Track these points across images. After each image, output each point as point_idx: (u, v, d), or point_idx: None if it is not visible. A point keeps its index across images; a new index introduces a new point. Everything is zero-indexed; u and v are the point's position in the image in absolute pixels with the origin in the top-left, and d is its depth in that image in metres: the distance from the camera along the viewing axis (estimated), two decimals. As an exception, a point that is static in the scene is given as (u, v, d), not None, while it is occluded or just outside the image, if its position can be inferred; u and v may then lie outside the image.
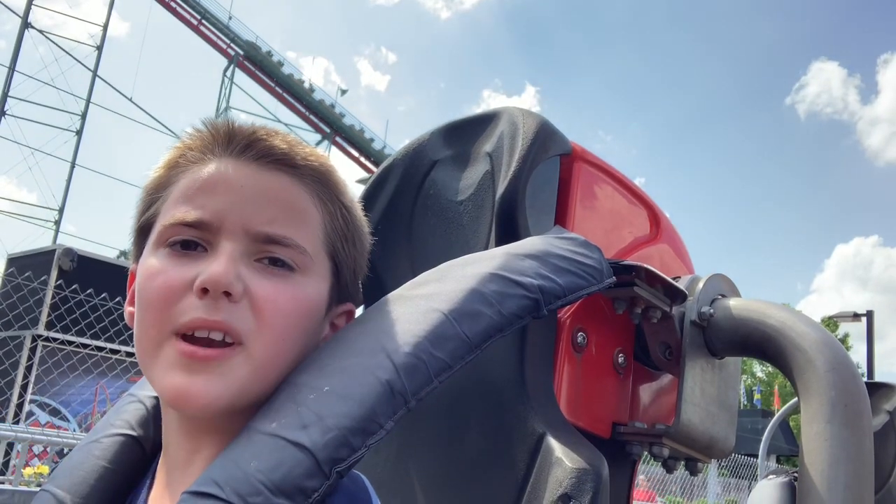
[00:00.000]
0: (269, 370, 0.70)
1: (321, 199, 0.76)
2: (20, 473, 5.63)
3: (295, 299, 0.71)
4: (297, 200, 0.74)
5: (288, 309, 0.71)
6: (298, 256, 0.72)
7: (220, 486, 0.61)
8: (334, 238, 0.76)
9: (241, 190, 0.72)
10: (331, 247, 0.76)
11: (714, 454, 1.11)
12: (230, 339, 0.68)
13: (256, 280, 0.70)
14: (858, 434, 0.92)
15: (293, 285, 0.71)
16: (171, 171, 0.76)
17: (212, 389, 0.68)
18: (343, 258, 0.77)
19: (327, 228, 0.76)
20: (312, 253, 0.73)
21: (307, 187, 0.75)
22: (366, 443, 0.64)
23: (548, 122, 1.05)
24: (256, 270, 0.70)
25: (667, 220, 1.25)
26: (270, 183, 0.73)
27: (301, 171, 0.75)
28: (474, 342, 0.74)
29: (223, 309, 0.68)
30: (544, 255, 0.86)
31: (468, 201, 1.09)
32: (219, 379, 0.68)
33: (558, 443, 0.88)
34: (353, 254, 0.79)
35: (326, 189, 0.77)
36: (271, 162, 0.74)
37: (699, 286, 1.08)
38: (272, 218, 0.71)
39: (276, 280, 0.71)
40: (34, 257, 9.17)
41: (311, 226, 0.74)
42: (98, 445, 0.85)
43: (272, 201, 0.72)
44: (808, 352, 0.96)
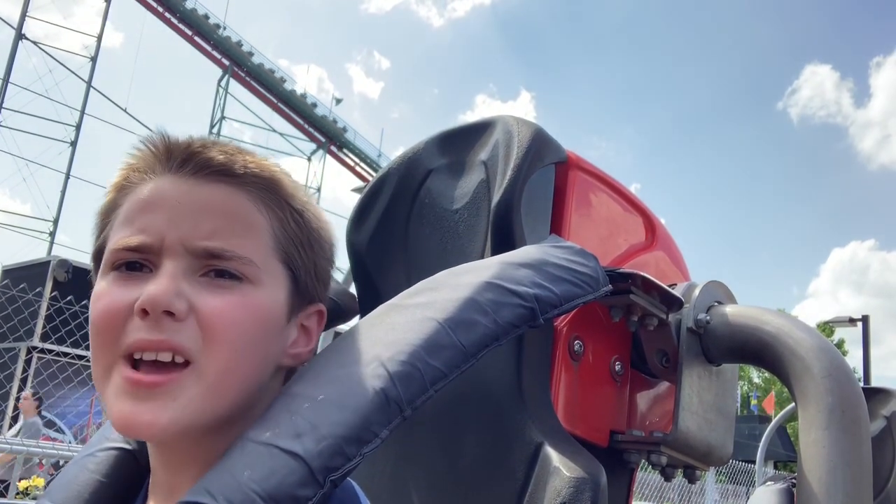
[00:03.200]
0: (224, 388, 0.68)
1: (267, 205, 0.73)
2: (15, 486, 5.60)
3: (245, 310, 0.69)
4: (240, 210, 0.72)
5: (238, 321, 0.68)
6: (244, 267, 0.70)
7: (213, 495, 0.60)
8: (286, 244, 0.74)
9: (178, 206, 0.70)
10: (283, 253, 0.74)
11: (712, 461, 1.11)
12: (180, 360, 0.67)
13: (202, 296, 0.68)
14: (856, 440, 0.92)
15: (242, 296, 0.69)
16: (119, 194, 0.75)
17: (160, 416, 0.66)
18: (300, 263, 0.75)
19: (277, 235, 0.73)
20: (261, 262, 0.71)
21: (251, 195, 0.73)
22: (360, 451, 0.64)
23: (542, 131, 1.05)
24: (202, 286, 0.69)
25: (662, 227, 1.25)
26: (209, 195, 0.71)
27: (243, 180, 0.73)
28: (470, 351, 0.74)
29: (166, 328, 0.66)
30: (540, 263, 0.86)
31: (464, 210, 1.09)
32: (167, 404, 0.66)
33: (556, 452, 0.88)
34: (311, 257, 0.77)
35: (273, 195, 0.74)
36: (210, 174, 0.72)
37: (695, 293, 1.08)
38: (212, 231, 0.70)
39: (224, 293, 0.69)
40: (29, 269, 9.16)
41: (258, 234, 0.72)
42: (93, 459, 0.85)
43: (211, 214, 0.70)
44: (805, 358, 0.96)
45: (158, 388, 0.66)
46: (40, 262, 9.46)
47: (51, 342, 8.54)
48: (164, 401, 0.66)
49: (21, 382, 8.64)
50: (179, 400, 0.66)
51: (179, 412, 0.66)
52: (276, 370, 0.74)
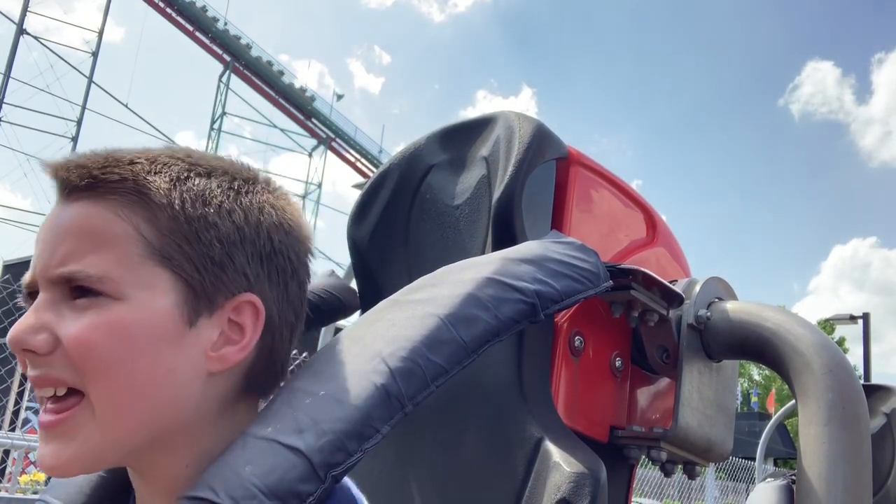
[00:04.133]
0: (119, 416, 0.65)
1: (128, 208, 0.68)
2: (16, 481, 5.61)
3: (102, 330, 0.64)
4: (94, 224, 0.67)
5: (97, 344, 0.64)
6: (99, 284, 0.65)
7: (214, 490, 0.60)
8: (163, 244, 0.68)
9: (44, 238, 0.69)
10: (161, 256, 0.67)
11: (712, 457, 1.11)
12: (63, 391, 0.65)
13: (65, 323, 0.65)
14: (856, 436, 0.92)
15: (101, 315, 0.65)
16: None
17: (62, 455, 0.65)
18: (186, 258, 0.68)
19: (148, 238, 0.67)
20: (120, 275, 0.66)
21: (108, 205, 0.68)
22: (361, 447, 0.64)
23: (544, 126, 1.05)
24: (70, 311, 0.66)
25: (663, 223, 1.25)
26: (68, 217, 0.68)
27: (99, 192, 0.68)
28: (471, 347, 0.74)
29: (38, 364, 0.65)
30: (541, 259, 0.86)
31: (465, 205, 1.09)
32: (66, 443, 0.65)
33: (556, 447, 0.88)
34: (202, 249, 0.69)
35: (135, 196, 0.68)
36: (71, 194, 0.69)
37: (696, 289, 1.07)
38: (66, 255, 0.66)
39: (84, 315, 0.65)
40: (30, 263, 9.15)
41: (118, 244, 0.67)
42: None
43: (67, 237, 0.67)
44: (806, 354, 0.96)
45: (56, 430, 0.65)
46: (41, 258, 9.44)
47: (52, 337, 8.52)
48: (63, 441, 0.65)
49: (21, 377, 8.65)
50: (77, 439, 0.65)
51: (79, 450, 0.65)
52: (206, 377, 0.69)
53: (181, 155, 0.73)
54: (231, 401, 0.71)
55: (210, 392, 0.69)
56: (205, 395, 0.69)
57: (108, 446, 0.65)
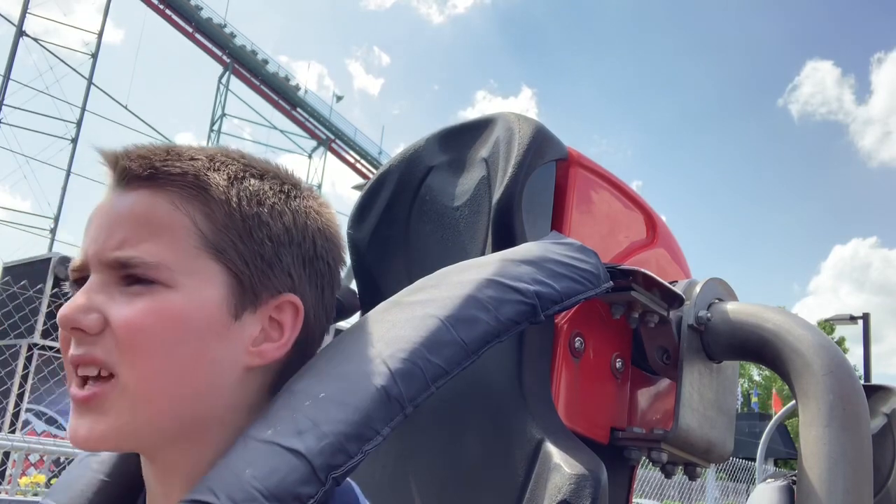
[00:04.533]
0: (151, 398, 0.67)
1: (189, 202, 0.71)
2: (16, 483, 5.60)
3: (154, 315, 0.67)
4: (154, 213, 0.69)
5: (147, 328, 0.66)
6: (153, 272, 0.68)
7: (215, 493, 0.61)
8: (217, 238, 0.70)
9: (100, 222, 0.71)
10: (214, 249, 0.70)
11: (712, 458, 1.11)
12: (105, 373, 0.67)
13: (116, 306, 0.67)
14: (857, 437, 0.92)
15: (151, 302, 0.67)
16: None
17: (94, 430, 0.67)
18: (236, 255, 0.71)
19: (204, 231, 0.70)
20: (175, 263, 0.68)
21: (167, 196, 0.70)
22: (362, 449, 0.64)
23: (543, 127, 1.05)
24: (121, 295, 0.68)
25: (663, 224, 1.25)
26: (124, 204, 0.70)
27: (161, 182, 0.71)
28: (471, 348, 0.74)
29: (84, 343, 0.67)
30: (541, 260, 0.86)
31: (464, 207, 1.09)
32: (99, 419, 0.67)
33: (557, 448, 0.88)
34: (254, 246, 0.72)
35: (195, 190, 0.71)
36: (131, 182, 0.71)
37: (696, 290, 1.07)
38: (122, 240, 0.68)
39: (137, 300, 0.67)
40: (30, 266, 9.15)
41: (175, 235, 0.69)
42: (96, 458, 0.85)
43: (124, 223, 0.69)
44: (806, 355, 0.96)
45: (90, 404, 0.67)
46: (41, 259, 9.46)
47: (52, 339, 8.54)
48: (97, 415, 0.67)
49: (22, 379, 8.65)
50: (110, 414, 0.67)
51: (111, 425, 0.67)
52: (243, 371, 0.71)
53: (236, 156, 0.76)
54: (263, 398, 0.73)
55: (246, 386, 0.72)
56: (241, 389, 0.71)
57: (142, 426, 0.67)
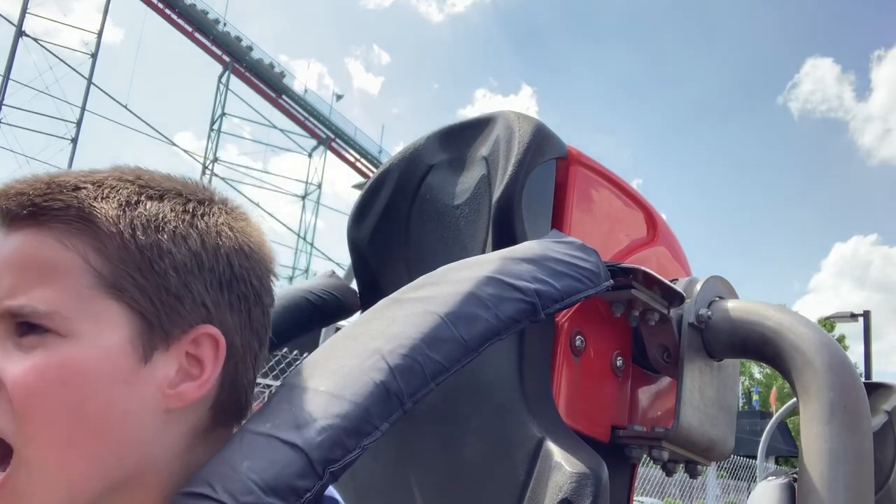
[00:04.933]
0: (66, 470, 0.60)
1: (75, 237, 0.63)
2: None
3: (53, 373, 0.59)
4: (40, 255, 0.62)
5: (46, 389, 0.59)
6: (46, 320, 0.60)
7: (211, 485, 0.60)
8: (115, 274, 0.63)
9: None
10: (112, 287, 0.63)
11: (713, 456, 1.10)
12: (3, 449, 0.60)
13: (9, 363, 0.59)
14: (858, 434, 0.92)
15: (49, 356, 0.60)
16: None
17: None
18: (140, 289, 0.63)
19: (97, 268, 0.62)
20: (69, 309, 0.61)
21: (52, 234, 0.63)
22: (360, 444, 0.64)
23: (543, 126, 1.05)
24: (15, 348, 0.60)
25: (663, 223, 1.25)
26: (12, 247, 0.63)
27: (42, 220, 0.63)
28: (471, 345, 0.74)
29: None
30: (541, 258, 0.86)
31: (465, 205, 1.09)
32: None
33: (557, 447, 0.88)
34: (157, 279, 0.64)
35: (83, 224, 0.63)
36: (13, 222, 0.64)
37: (696, 288, 1.07)
38: (11, 288, 0.61)
39: (31, 355, 0.60)
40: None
41: (65, 276, 0.62)
42: None
43: (11, 268, 0.62)
44: (807, 353, 0.96)
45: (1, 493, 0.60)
46: (41, 259, 9.45)
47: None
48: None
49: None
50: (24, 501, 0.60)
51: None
52: (164, 416, 0.65)
53: (130, 177, 0.68)
54: (199, 435, 0.68)
55: (172, 430, 0.66)
56: (166, 434, 0.65)
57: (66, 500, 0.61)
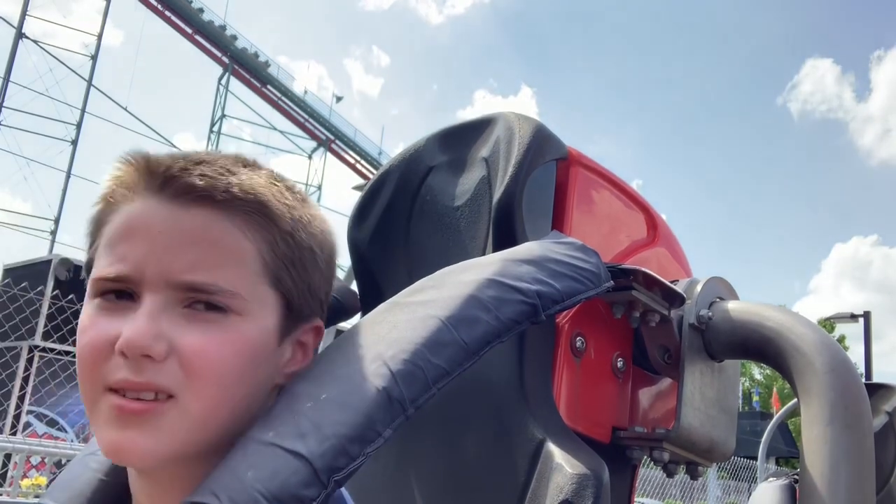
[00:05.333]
0: (208, 422, 0.66)
1: (254, 230, 0.69)
2: (18, 485, 5.61)
3: (230, 346, 0.66)
4: (223, 238, 0.67)
5: (222, 358, 0.66)
6: (229, 300, 0.67)
7: (216, 495, 0.60)
8: (277, 267, 0.70)
9: (158, 236, 0.67)
10: (273, 277, 0.70)
11: (714, 457, 1.10)
12: (162, 396, 0.65)
13: (184, 332, 0.65)
14: (859, 435, 0.91)
15: (226, 331, 0.66)
16: (105, 208, 0.72)
17: (146, 444, 0.64)
18: (291, 284, 0.72)
19: (266, 259, 0.70)
20: (247, 292, 0.68)
21: (234, 220, 0.68)
22: (364, 451, 0.64)
23: (543, 127, 1.05)
24: (186, 319, 0.66)
25: (664, 224, 1.24)
26: (191, 224, 0.67)
27: (225, 205, 0.68)
28: (472, 348, 0.73)
29: (147, 370, 0.64)
30: (542, 259, 0.85)
31: (465, 207, 1.09)
32: (152, 434, 0.64)
33: (558, 448, 0.88)
34: (305, 277, 0.73)
35: (260, 217, 0.70)
36: (191, 199, 0.68)
37: (697, 289, 1.07)
38: (193, 263, 0.66)
39: (208, 327, 0.66)
40: (30, 267, 9.15)
41: (244, 262, 0.68)
42: (95, 458, 0.85)
43: (193, 244, 0.66)
44: (808, 354, 0.96)
45: (144, 416, 0.64)
46: (42, 261, 9.46)
47: (52, 341, 8.54)
48: (149, 430, 0.64)
49: (23, 381, 8.66)
50: (163, 431, 0.65)
51: (161, 444, 0.65)
52: (273, 389, 0.73)
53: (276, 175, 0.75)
54: None
55: (268, 401, 0.72)
56: (265, 404, 0.71)
57: (190, 445, 0.66)
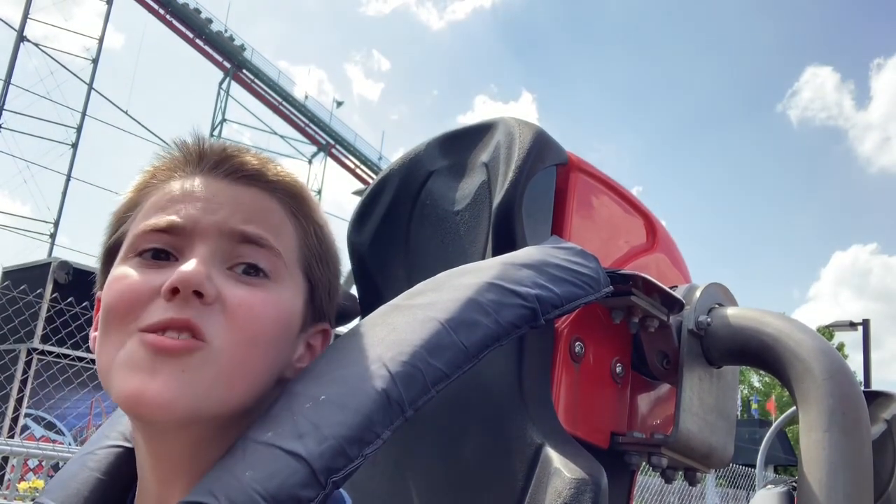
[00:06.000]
0: (235, 376, 0.67)
1: (294, 215, 0.75)
2: (15, 488, 5.60)
3: (270, 307, 0.70)
4: (271, 213, 0.73)
5: (262, 314, 0.69)
6: (274, 261, 0.71)
7: (214, 495, 0.60)
8: (308, 255, 0.75)
9: (212, 198, 0.71)
10: (305, 263, 0.75)
11: (713, 463, 1.10)
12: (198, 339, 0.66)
13: (230, 286, 0.68)
14: (857, 442, 0.92)
15: (268, 292, 0.70)
16: (139, 193, 0.75)
17: (171, 389, 0.64)
18: (317, 277, 0.76)
19: (301, 245, 0.75)
20: (288, 262, 0.72)
21: (280, 202, 0.74)
22: (362, 452, 0.64)
23: (544, 132, 1.05)
24: (230, 278, 0.69)
25: (663, 230, 1.25)
26: (243, 194, 0.72)
27: (274, 186, 0.74)
28: (471, 351, 0.73)
29: (193, 307, 0.66)
30: (541, 264, 0.86)
31: (465, 211, 1.09)
32: (179, 377, 0.64)
33: (557, 453, 0.88)
34: (327, 274, 0.78)
35: (300, 206, 0.76)
36: (243, 177, 0.73)
37: (696, 295, 1.07)
38: (247, 220, 0.71)
39: (251, 287, 0.69)
40: (29, 270, 9.16)
41: (286, 238, 0.73)
42: (93, 457, 0.85)
43: (247, 207, 0.72)
44: (806, 360, 0.96)
45: (175, 355, 0.65)
46: (41, 264, 9.46)
47: (51, 344, 8.53)
48: (177, 372, 0.64)
49: (21, 384, 8.64)
50: (190, 375, 0.65)
51: (187, 388, 0.65)
52: (278, 381, 0.73)
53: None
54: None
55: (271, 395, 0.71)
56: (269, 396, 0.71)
57: (213, 396, 0.66)
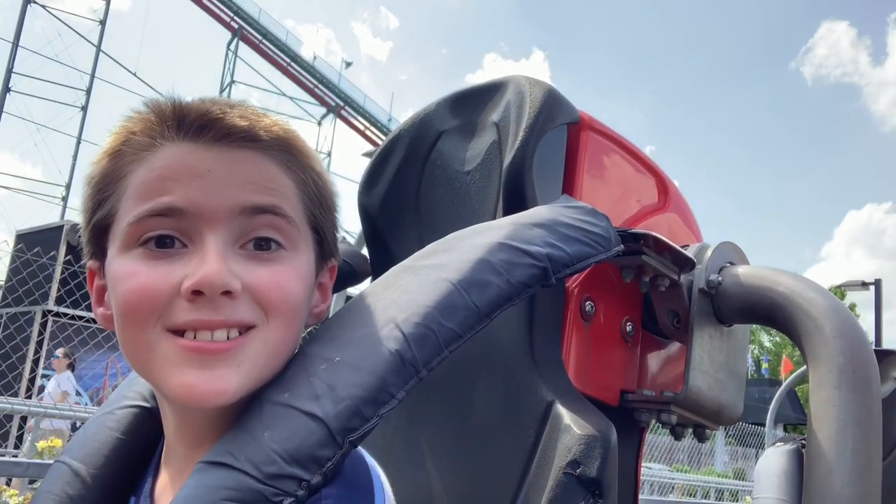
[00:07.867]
0: (280, 349, 0.69)
1: (291, 168, 0.72)
2: (34, 447, 5.70)
3: (297, 277, 0.70)
4: (269, 175, 0.70)
5: (290, 289, 0.69)
6: (287, 228, 0.70)
7: (234, 455, 0.61)
8: (311, 206, 0.74)
9: (208, 174, 0.67)
10: (310, 215, 0.74)
11: (722, 421, 1.11)
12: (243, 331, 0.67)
13: (250, 270, 0.67)
14: (867, 400, 0.92)
15: (287, 264, 0.70)
16: (117, 162, 0.70)
17: (229, 382, 0.65)
18: (322, 223, 0.76)
19: (302, 197, 0.73)
20: (298, 223, 0.72)
21: (275, 159, 0.71)
22: (378, 412, 0.65)
23: (555, 91, 1.05)
24: (245, 259, 0.68)
25: (675, 189, 1.24)
26: (238, 163, 0.69)
27: (266, 144, 0.70)
28: (483, 311, 0.74)
29: (224, 306, 0.65)
30: (552, 223, 0.86)
31: (475, 171, 1.09)
32: (236, 369, 0.66)
33: (567, 410, 0.89)
34: (330, 217, 0.77)
35: (295, 157, 0.73)
36: (234, 141, 0.69)
37: (707, 254, 1.07)
38: (254, 189, 0.69)
39: (270, 265, 0.69)
40: (43, 233, 9.22)
41: (289, 198, 0.71)
42: (112, 417, 0.86)
43: (247, 179, 0.69)
44: (817, 318, 0.96)
45: (225, 354, 0.65)
46: (54, 227, 9.53)
47: (65, 305, 8.63)
48: (232, 366, 0.66)
49: (37, 345, 8.75)
50: (246, 364, 0.66)
51: (245, 377, 0.66)
52: (302, 331, 0.74)
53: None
54: None
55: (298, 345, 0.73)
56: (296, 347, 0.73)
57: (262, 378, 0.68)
